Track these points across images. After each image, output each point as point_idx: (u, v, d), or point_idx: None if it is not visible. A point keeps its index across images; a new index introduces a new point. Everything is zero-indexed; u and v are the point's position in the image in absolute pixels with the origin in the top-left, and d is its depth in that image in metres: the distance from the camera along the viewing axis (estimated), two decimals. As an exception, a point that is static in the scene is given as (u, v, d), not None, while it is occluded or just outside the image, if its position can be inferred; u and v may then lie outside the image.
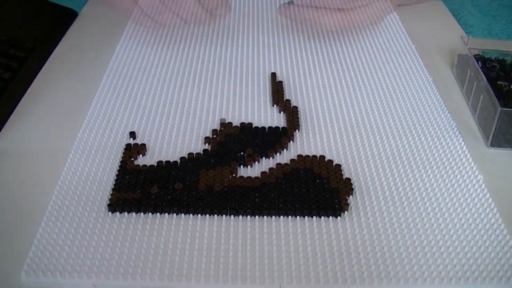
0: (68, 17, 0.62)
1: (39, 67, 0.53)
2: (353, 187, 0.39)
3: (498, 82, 0.47)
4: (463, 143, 0.44)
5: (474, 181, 0.40)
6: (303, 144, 0.44)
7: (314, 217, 0.37)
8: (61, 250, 0.34)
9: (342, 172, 0.41)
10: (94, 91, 0.49)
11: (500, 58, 0.52)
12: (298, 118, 0.46)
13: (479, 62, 0.50)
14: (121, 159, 0.41)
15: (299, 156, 0.42)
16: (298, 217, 0.37)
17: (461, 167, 0.42)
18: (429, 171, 0.41)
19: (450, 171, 0.41)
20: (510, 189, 0.42)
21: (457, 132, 0.46)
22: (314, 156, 0.42)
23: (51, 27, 0.60)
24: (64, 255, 0.33)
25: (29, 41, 0.54)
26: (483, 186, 0.40)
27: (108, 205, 0.37)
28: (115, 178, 0.39)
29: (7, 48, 0.52)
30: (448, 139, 0.45)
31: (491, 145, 0.45)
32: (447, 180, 0.41)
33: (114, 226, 0.36)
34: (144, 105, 0.48)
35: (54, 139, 0.44)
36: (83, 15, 0.64)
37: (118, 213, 0.37)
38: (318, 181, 0.39)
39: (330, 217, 0.37)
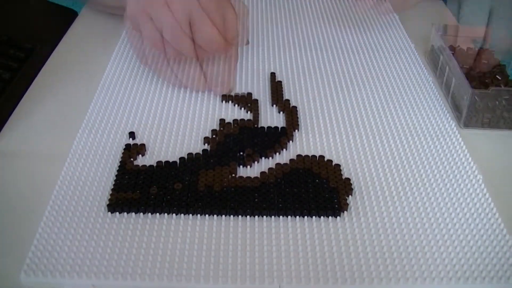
0: (68, 17, 0.62)
1: (39, 67, 0.53)
2: (352, 187, 0.39)
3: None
4: (462, 142, 0.44)
5: (473, 181, 0.40)
6: (303, 144, 0.44)
7: (314, 217, 0.37)
8: (60, 250, 0.34)
9: (342, 172, 0.41)
10: (93, 91, 0.49)
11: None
12: (298, 118, 0.46)
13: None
14: (120, 159, 0.41)
15: (299, 156, 0.42)
16: (297, 217, 0.37)
17: (461, 167, 0.42)
18: (429, 171, 0.41)
19: (449, 171, 0.41)
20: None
21: (457, 132, 0.46)
22: (314, 156, 0.42)
23: (51, 27, 0.60)
24: (63, 255, 0.33)
25: (29, 41, 0.54)
26: (483, 186, 0.40)
27: (108, 205, 0.37)
28: (115, 178, 0.39)
29: (7, 48, 0.52)
30: (448, 139, 0.45)
31: (464, 126, 0.47)
32: (446, 180, 0.40)
33: (113, 226, 0.36)
34: (143, 105, 0.48)
35: (54, 139, 0.44)
36: (83, 15, 0.64)
37: (117, 213, 0.37)
38: (317, 181, 0.39)
39: (330, 217, 0.37)
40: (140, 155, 0.42)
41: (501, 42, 0.54)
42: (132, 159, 0.41)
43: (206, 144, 0.43)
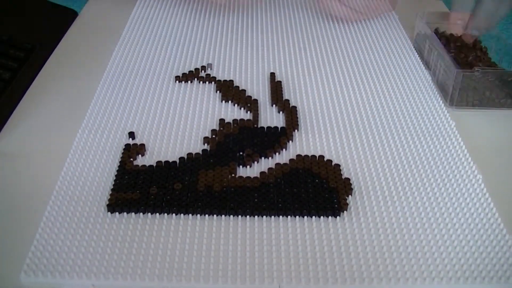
0: (68, 17, 0.62)
1: (39, 67, 0.53)
2: (352, 187, 0.39)
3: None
4: (462, 142, 0.44)
5: (473, 181, 0.40)
6: (302, 144, 0.44)
7: (313, 217, 0.37)
8: (60, 250, 0.34)
9: (341, 172, 0.41)
10: (93, 91, 0.49)
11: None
12: (297, 118, 0.46)
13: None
14: (120, 159, 0.41)
15: (298, 156, 0.42)
16: (297, 217, 0.37)
17: (460, 167, 0.42)
18: (428, 170, 0.41)
19: (449, 171, 0.41)
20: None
21: (456, 131, 0.46)
22: (313, 156, 0.42)
23: (51, 27, 0.60)
24: (63, 256, 0.33)
25: (29, 41, 0.53)
26: (482, 185, 0.40)
27: (107, 205, 0.37)
28: (114, 178, 0.39)
29: (7, 48, 0.52)
30: (447, 139, 0.45)
31: (450, 105, 0.49)
32: (446, 179, 0.40)
33: (113, 226, 0.36)
34: (143, 105, 0.48)
35: (54, 139, 0.44)
36: (83, 15, 0.64)
37: (117, 213, 0.37)
38: (317, 181, 0.39)
39: (330, 217, 0.37)
40: (139, 155, 0.42)
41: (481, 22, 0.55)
42: (131, 159, 0.41)
43: (205, 144, 0.43)
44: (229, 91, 0.50)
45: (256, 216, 0.37)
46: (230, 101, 0.48)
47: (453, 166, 0.42)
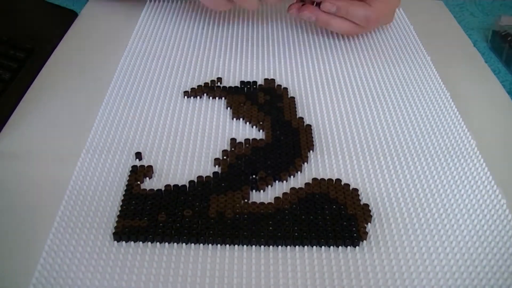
0: (68, 17, 0.61)
1: (39, 67, 0.52)
2: (371, 213, 0.37)
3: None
4: (486, 168, 0.42)
5: (500, 211, 0.38)
6: (318, 166, 0.42)
7: (331, 246, 0.35)
8: (64, 283, 0.32)
9: (360, 197, 0.39)
10: (94, 91, 0.48)
11: None
12: (312, 137, 0.44)
13: None
14: (126, 183, 0.39)
15: (314, 179, 0.40)
16: (314, 247, 0.35)
17: (483, 191, 0.40)
18: (450, 195, 0.39)
19: (472, 195, 0.39)
20: None
21: (480, 156, 0.43)
22: (330, 180, 0.40)
23: (51, 28, 0.59)
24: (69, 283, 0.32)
25: (29, 42, 0.53)
26: (507, 211, 0.38)
27: (114, 233, 0.35)
28: (121, 203, 0.37)
29: (7, 48, 0.51)
30: (469, 161, 0.43)
31: None
32: (469, 205, 0.39)
33: (119, 256, 0.34)
34: (150, 123, 0.46)
35: (54, 140, 0.43)
36: (83, 15, 0.62)
37: (124, 242, 0.35)
38: (334, 207, 0.38)
39: (348, 246, 0.35)
40: (147, 178, 0.40)
41: None
42: (138, 182, 0.39)
43: (216, 166, 0.41)
44: (241, 107, 0.47)
45: (271, 246, 0.35)
46: (241, 119, 0.46)
47: (475, 190, 0.40)
